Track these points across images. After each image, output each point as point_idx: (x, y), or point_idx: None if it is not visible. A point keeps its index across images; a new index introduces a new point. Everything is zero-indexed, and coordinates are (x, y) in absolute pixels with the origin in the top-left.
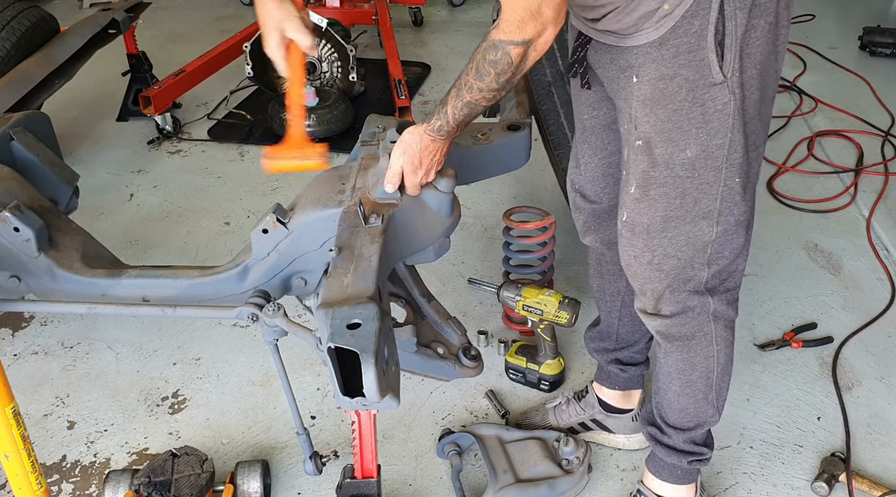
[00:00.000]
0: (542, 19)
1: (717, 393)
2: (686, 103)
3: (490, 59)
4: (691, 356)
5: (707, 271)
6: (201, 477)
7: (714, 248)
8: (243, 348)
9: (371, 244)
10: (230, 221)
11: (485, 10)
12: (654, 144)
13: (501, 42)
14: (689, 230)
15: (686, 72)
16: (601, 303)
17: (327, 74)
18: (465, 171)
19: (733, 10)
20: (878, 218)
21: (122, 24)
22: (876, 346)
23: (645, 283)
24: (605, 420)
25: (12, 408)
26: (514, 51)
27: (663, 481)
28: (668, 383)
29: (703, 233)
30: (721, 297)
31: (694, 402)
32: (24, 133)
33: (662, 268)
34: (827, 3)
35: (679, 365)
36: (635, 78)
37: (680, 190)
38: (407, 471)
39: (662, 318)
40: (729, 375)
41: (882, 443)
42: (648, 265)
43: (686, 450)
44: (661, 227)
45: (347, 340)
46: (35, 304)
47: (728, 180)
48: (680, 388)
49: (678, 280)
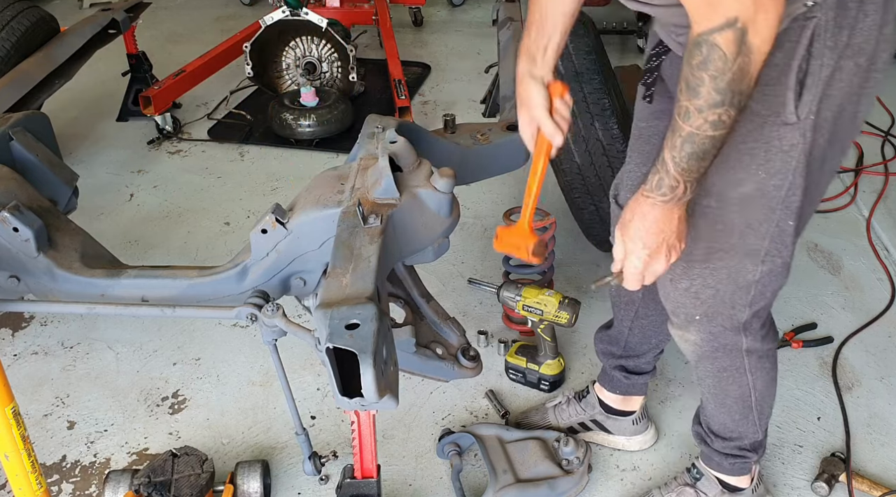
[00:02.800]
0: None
1: (759, 413)
2: (750, 138)
3: (696, 63)
4: (724, 386)
5: (748, 311)
6: (201, 477)
7: (758, 290)
8: (243, 348)
9: (370, 244)
10: (230, 221)
11: (485, 10)
12: (708, 173)
13: (701, 36)
14: (732, 265)
15: (758, 105)
16: (616, 308)
17: (327, 74)
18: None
19: (822, 48)
20: (878, 218)
21: (122, 24)
22: (876, 346)
23: (678, 307)
24: (605, 421)
25: (12, 408)
26: (723, 38)
27: (712, 470)
28: (706, 400)
29: (747, 270)
30: (755, 335)
31: (732, 421)
32: (23, 133)
33: (700, 296)
34: None
35: (713, 390)
36: None
37: (727, 223)
38: (407, 471)
39: (692, 343)
40: (772, 396)
41: (882, 443)
42: (685, 292)
43: (730, 453)
44: (703, 257)
45: (346, 341)
46: (35, 304)
47: (781, 222)
48: (715, 408)
49: (714, 310)
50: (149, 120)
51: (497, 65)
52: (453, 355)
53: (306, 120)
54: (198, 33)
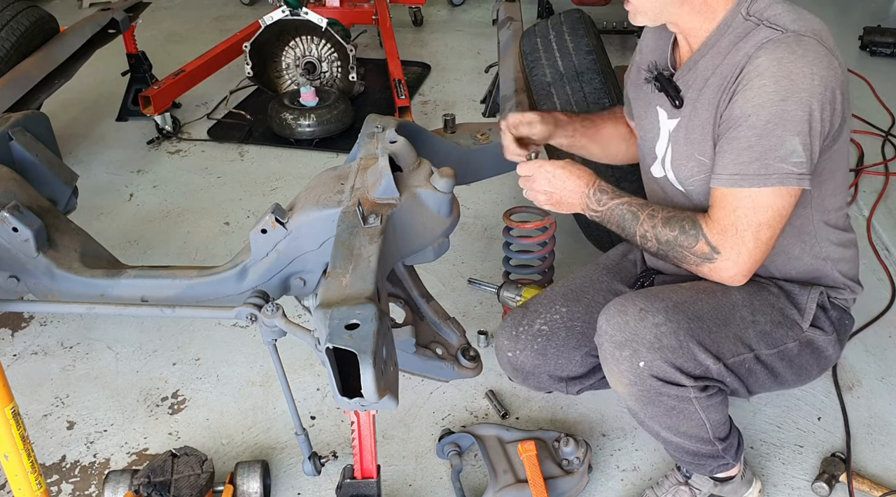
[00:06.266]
0: (739, 244)
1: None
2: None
3: (684, 226)
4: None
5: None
6: (201, 477)
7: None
8: (243, 348)
9: (370, 244)
10: (230, 221)
11: (485, 10)
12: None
13: (699, 228)
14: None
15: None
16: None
17: (327, 74)
18: (465, 171)
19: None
20: (878, 218)
21: (122, 24)
22: (876, 346)
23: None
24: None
25: (12, 408)
26: (702, 245)
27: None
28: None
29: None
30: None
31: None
32: (23, 133)
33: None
34: (827, 4)
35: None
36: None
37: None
38: (407, 471)
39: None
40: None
41: (882, 443)
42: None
43: (707, 463)
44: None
45: (346, 341)
46: (34, 304)
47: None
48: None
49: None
50: (148, 120)
51: (497, 65)
52: (453, 355)
53: (306, 120)
54: (197, 33)
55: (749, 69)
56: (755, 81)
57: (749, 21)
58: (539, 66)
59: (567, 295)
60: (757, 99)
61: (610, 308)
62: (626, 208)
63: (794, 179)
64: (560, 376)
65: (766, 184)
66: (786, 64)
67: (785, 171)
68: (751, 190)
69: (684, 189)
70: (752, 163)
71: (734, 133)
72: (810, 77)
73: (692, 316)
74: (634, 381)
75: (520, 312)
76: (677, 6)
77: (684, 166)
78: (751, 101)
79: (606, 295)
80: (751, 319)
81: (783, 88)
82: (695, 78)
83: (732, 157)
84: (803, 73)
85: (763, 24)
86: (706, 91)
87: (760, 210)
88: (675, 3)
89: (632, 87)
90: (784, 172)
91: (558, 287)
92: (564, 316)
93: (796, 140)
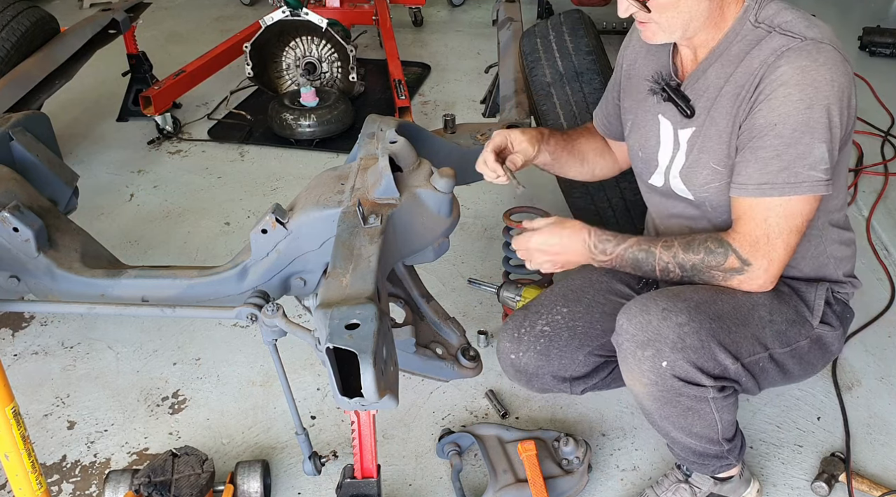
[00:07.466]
0: (770, 252)
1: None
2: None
3: (708, 246)
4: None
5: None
6: (201, 477)
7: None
8: (243, 348)
9: (370, 244)
10: (230, 221)
11: (485, 10)
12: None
13: (726, 246)
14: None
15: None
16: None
17: (327, 74)
18: (464, 171)
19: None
20: (878, 218)
21: (122, 25)
22: (876, 346)
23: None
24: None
25: (12, 408)
26: (732, 261)
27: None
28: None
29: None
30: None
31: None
32: (23, 133)
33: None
34: (827, 3)
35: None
36: None
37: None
38: (407, 471)
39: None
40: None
41: (882, 443)
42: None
43: (709, 463)
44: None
45: (346, 341)
46: (35, 304)
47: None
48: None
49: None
50: (149, 120)
51: (497, 65)
52: (453, 355)
53: (306, 120)
54: (198, 33)
55: (771, 78)
56: (779, 90)
57: (759, 28)
58: (539, 67)
59: (567, 295)
60: (782, 108)
61: (631, 307)
62: (636, 249)
63: (822, 186)
64: (564, 377)
65: (797, 192)
66: (810, 72)
67: (815, 179)
68: (781, 199)
69: (695, 197)
70: (782, 172)
71: (759, 142)
72: (830, 84)
73: (713, 316)
74: (655, 380)
75: (521, 314)
76: (702, 21)
77: (699, 175)
78: (776, 110)
79: (607, 295)
80: (768, 319)
81: (808, 96)
82: (706, 86)
83: (759, 166)
84: (825, 80)
85: (776, 32)
86: (721, 100)
87: (791, 217)
88: (701, 18)
89: (625, 98)
90: (814, 180)
91: (558, 288)
92: (566, 316)
93: (823, 147)
